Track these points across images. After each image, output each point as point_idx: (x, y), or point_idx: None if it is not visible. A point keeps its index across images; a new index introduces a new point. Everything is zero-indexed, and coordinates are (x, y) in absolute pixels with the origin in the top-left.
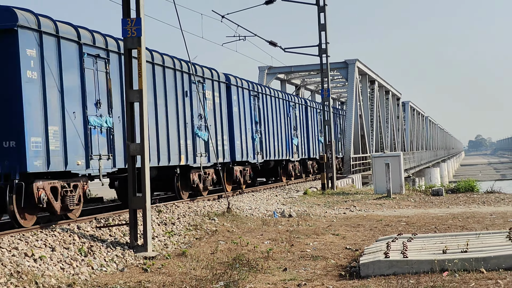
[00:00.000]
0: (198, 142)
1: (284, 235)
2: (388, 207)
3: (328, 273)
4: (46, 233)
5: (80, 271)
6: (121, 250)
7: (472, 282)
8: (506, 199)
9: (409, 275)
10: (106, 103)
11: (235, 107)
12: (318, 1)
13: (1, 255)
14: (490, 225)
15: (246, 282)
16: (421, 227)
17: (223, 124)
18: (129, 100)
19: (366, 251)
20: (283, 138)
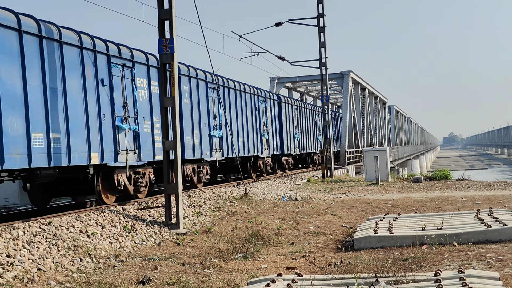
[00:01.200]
0: (121, 136)
1: (291, 215)
2: (376, 192)
3: (327, 246)
4: (97, 214)
5: (125, 245)
6: (158, 227)
7: (446, 254)
8: (474, 185)
9: (394, 248)
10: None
11: (186, 98)
12: (318, 24)
13: (61, 232)
14: (461, 207)
15: (260, 253)
16: (404, 209)
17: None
18: (164, 105)
19: (359, 228)
20: (249, 134)
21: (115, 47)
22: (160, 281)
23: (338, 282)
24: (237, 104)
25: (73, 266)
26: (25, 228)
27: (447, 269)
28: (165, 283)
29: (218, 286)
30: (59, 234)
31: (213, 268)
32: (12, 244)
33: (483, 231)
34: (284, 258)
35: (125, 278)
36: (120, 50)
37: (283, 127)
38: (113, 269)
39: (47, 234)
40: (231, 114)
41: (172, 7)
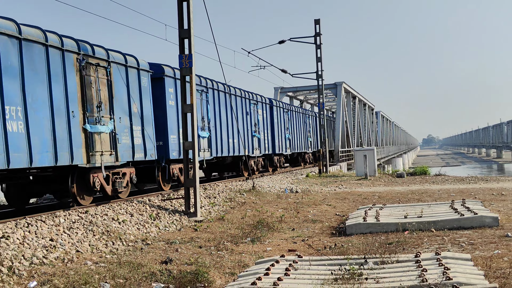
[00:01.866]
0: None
1: (292, 205)
2: (365, 186)
3: (323, 232)
4: (127, 204)
5: (150, 230)
6: (179, 215)
7: (425, 238)
8: (449, 180)
9: (381, 233)
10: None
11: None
12: (315, 42)
13: (96, 219)
14: (438, 198)
15: (266, 238)
16: (389, 200)
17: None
18: (184, 111)
19: (350, 217)
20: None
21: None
22: (180, 261)
23: (333, 263)
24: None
25: (106, 249)
26: (65, 216)
27: (426, 251)
28: (185, 263)
29: (230, 266)
30: (94, 221)
31: (226, 250)
32: (55, 230)
33: (457, 219)
34: (286, 242)
35: (151, 259)
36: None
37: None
38: (140, 251)
39: (84, 221)
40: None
41: (190, 28)
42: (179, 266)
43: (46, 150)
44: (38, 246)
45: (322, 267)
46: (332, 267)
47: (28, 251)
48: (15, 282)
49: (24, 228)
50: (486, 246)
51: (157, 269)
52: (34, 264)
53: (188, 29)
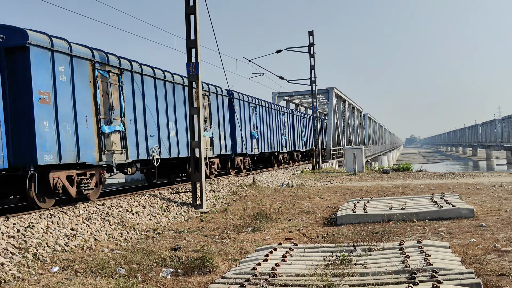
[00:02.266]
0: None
1: (288, 198)
2: (354, 181)
3: (316, 222)
4: (139, 197)
5: (161, 221)
6: (186, 207)
7: (408, 228)
8: (429, 175)
9: (368, 224)
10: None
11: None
12: (309, 51)
13: (112, 211)
14: (419, 192)
15: (265, 228)
16: (375, 193)
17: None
18: (191, 113)
19: (341, 208)
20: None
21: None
22: (188, 249)
23: (325, 250)
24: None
25: (121, 237)
26: (84, 208)
27: (409, 240)
28: (192, 250)
29: (233, 252)
30: (110, 212)
31: (229, 238)
32: (75, 220)
33: (436, 211)
34: (283, 231)
35: (161, 246)
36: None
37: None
38: (152, 239)
39: (101, 213)
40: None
41: (197, 38)
42: (187, 253)
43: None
44: (60, 235)
45: (316, 254)
46: (324, 254)
47: (51, 239)
48: (40, 267)
49: (48, 219)
50: (462, 235)
51: (167, 256)
52: (56, 251)
53: (195, 40)
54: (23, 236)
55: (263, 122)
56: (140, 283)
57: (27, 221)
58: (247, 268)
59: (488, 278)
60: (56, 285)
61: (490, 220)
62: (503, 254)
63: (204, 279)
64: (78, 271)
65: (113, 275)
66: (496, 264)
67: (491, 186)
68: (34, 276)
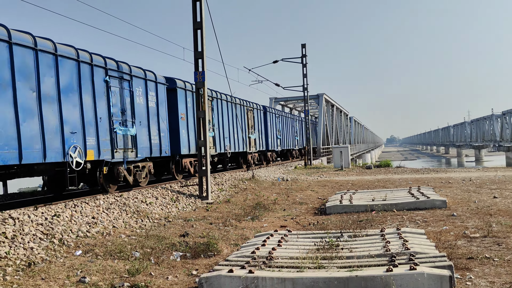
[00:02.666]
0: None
1: (283, 190)
2: (341, 175)
3: (308, 212)
4: (152, 190)
5: (171, 210)
6: (194, 199)
7: (389, 217)
8: (407, 171)
9: (353, 213)
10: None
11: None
12: (302, 61)
13: (128, 202)
14: (398, 185)
15: (262, 217)
16: (360, 186)
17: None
18: (198, 116)
19: (329, 199)
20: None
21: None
22: (195, 235)
23: (315, 236)
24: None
25: (136, 225)
26: (104, 199)
27: (389, 227)
28: (199, 236)
29: (234, 238)
30: (127, 203)
31: (231, 226)
32: (96, 210)
33: (413, 202)
34: (279, 219)
35: (172, 233)
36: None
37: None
38: (163, 226)
39: (119, 203)
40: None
41: (203, 50)
42: (194, 238)
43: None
44: (82, 222)
45: (307, 240)
46: (315, 240)
47: (74, 226)
48: (64, 251)
49: (72, 208)
50: (436, 223)
51: (177, 241)
52: (79, 237)
53: (201, 51)
54: (50, 223)
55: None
56: (153, 265)
57: (54, 210)
58: (247, 252)
59: (459, 261)
60: (79, 267)
61: (460, 210)
62: (472, 240)
63: (209, 261)
64: (98, 255)
65: (129, 258)
66: (466, 248)
67: (461, 180)
68: (60, 259)
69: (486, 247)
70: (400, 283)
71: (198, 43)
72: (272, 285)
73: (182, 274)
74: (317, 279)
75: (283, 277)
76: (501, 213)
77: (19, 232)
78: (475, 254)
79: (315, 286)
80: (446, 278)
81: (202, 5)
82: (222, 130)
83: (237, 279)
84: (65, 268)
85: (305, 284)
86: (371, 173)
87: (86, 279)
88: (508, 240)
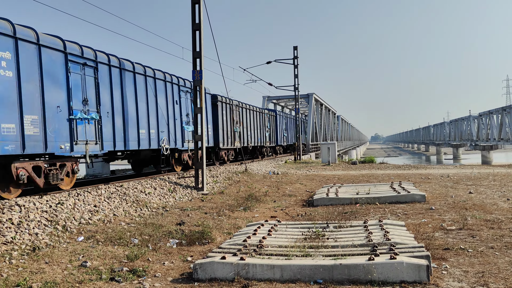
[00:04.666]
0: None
1: (274, 183)
2: (328, 170)
3: (297, 203)
4: (151, 180)
5: (169, 200)
6: (190, 190)
7: (372, 210)
8: (390, 167)
9: (339, 205)
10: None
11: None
12: (294, 63)
13: (128, 191)
14: (381, 180)
15: (254, 207)
16: (345, 181)
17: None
18: (195, 112)
19: (317, 192)
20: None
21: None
22: (191, 223)
23: (303, 226)
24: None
25: (135, 213)
26: (105, 188)
27: (372, 219)
28: (194, 224)
29: (227, 227)
30: (127, 192)
31: (224, 216)
32: (97, 199)
33: (395, 195)
34: (269, 210)
35: (169, 221)
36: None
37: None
38: (161, 215)
39: (119, 193)
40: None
41: (201, 50)
42: (190, 227)
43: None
44: (85, 210)
45: (295, 229)
46: (302, 230)
47: (77, 214)
48: (67, 237)
49: (75, 197)
50: (416, 216)
51: (173, 229)
52: (81, 224)
53: (199, 51)
54: (54, 211)
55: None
56: (150, 251)
57: (58, 198)
58: (239, 240)
59: (436, 252)
60: (81, 252)
61: (438, 204)
62: (448, 232)
63: (203, 248)
64: (99, 241)
65: (128, 244)
66: (442, 240)
67: (440, 176)
68: (63, 244)
69: (461, 239)
70: (381, 271)
71: (196, 43)
72: (262, 271)
73: (177, 260)
74: (304, 267)
75: (272, 264)
76: (476, 207)
77: (25, 219)
78: (451, 245)
79: (302, 273)
80: (423, 267)
81: (200, 7)
82: (246, 129)
83: (229, 265)
84: (68, 253)
85: (293, 271)
86: (356, 168)
87: (87, 264)
88: (481, 232)
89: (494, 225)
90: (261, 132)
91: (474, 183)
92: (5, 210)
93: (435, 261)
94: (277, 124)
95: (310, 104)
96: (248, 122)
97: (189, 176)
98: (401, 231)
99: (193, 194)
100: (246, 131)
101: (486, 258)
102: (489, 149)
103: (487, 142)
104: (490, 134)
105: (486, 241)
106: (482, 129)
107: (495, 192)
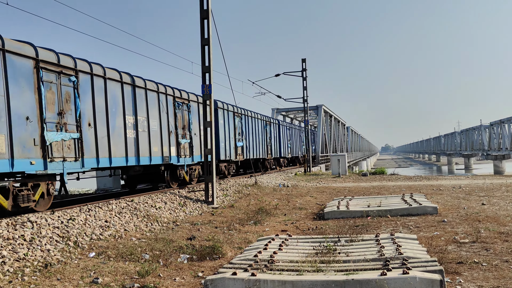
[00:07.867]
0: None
1: (284, 196)
2: (339, 182)
3: (308, 217)
4: (161, 195)
5: (179, 214)
6: (200, 203)
7: (383, 222)
8: (401, 178)
9: (350, 218)
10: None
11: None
12: (303, 75)
13: (139, 206)
14: (392, 192)
15: (265, 221)
16: (356, 193)
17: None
18: (205, 126)
19: (327, 205)
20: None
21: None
22: (201, 238)
23: (314, 240)
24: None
25: (146, 228)
26: (116, 203)
27: (383, 232)
28: (205, 239)
29: (238, 242)
30: (138, 207)
31: (235, 230)
32: (108, 214)
33: (406, 208)
34: (280, 224)
35: (179, 236)
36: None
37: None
38: (171, 230)
39: (130, 208)
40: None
41: (210, 65)
42: (200, 241)
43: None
44: (96, 226)
45: (306, 244)
46: (314, 244)
47: (88, 229)
48: (79, 253)
49: (86, 212)
50: (428, 229)
51: (184, 244)
52: (93, 240)
53: (208, 66)
54: (66, 227)
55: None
56: (161, 266)
57: (69, 214)
58: (250, 255)
59: (449, 266)
60: (92, 268)
61: (450, 216)
62: (461, 245)
63: (214, 264)
64: (111, 256)
65: (139, 260)
66: (456, 253)
67: (451, 187)
68: (75, 260)
69: (475, 252)
70: (394, 286)
71: (205, 58)
72: (274, 287)
73: (188, 276)
74: (316, 282)
75: (283, 280)
76: (489, 219)
77: (37, 235)
78: (465, 259)
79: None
80: (437, 282)
81: (209, 23)
82: (248, 141)
83: (241, 281)
84: (79, 269)
85: (304, 286)
86: (367, 180)
87: (99, 280)
88: (495, 245)
89: (508, 237)
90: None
91: (486, 194)
92: (18, 227)
93: (449, 275)
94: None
95: (319, 115)
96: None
97: (199, 190)
98: (414, 245)
99: (203, 208)
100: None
101: (501, 272)
102: (501, 159)
103: (499, 151)
104: (502, 144)
105: (500, 254)
106: (493, 138)
107: (508, 203)
